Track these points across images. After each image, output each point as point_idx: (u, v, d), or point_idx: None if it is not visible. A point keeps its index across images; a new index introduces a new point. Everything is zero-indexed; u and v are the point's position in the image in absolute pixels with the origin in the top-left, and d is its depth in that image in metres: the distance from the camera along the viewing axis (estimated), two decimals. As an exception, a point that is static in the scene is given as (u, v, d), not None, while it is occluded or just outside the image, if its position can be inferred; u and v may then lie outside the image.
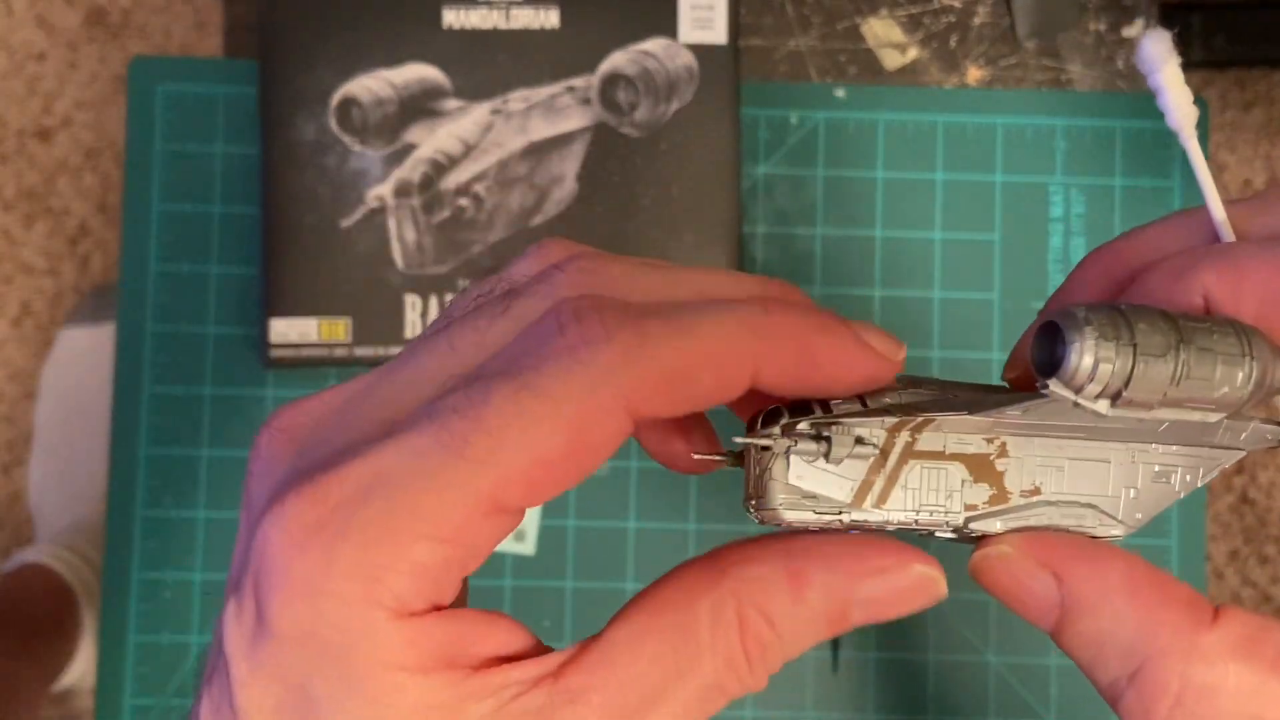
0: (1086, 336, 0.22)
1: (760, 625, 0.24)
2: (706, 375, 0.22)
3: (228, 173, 0.63)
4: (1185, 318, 0.23)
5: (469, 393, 0.22)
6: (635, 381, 0.22)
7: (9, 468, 1.21)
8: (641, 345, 0.22)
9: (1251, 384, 0.23)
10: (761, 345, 0.23)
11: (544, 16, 0.60)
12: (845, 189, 0.64)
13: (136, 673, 0.61)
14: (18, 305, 1.23)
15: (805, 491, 0.24)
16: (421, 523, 0.21)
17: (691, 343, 0.22)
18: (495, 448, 0.21)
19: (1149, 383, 0.22)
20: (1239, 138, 1.27)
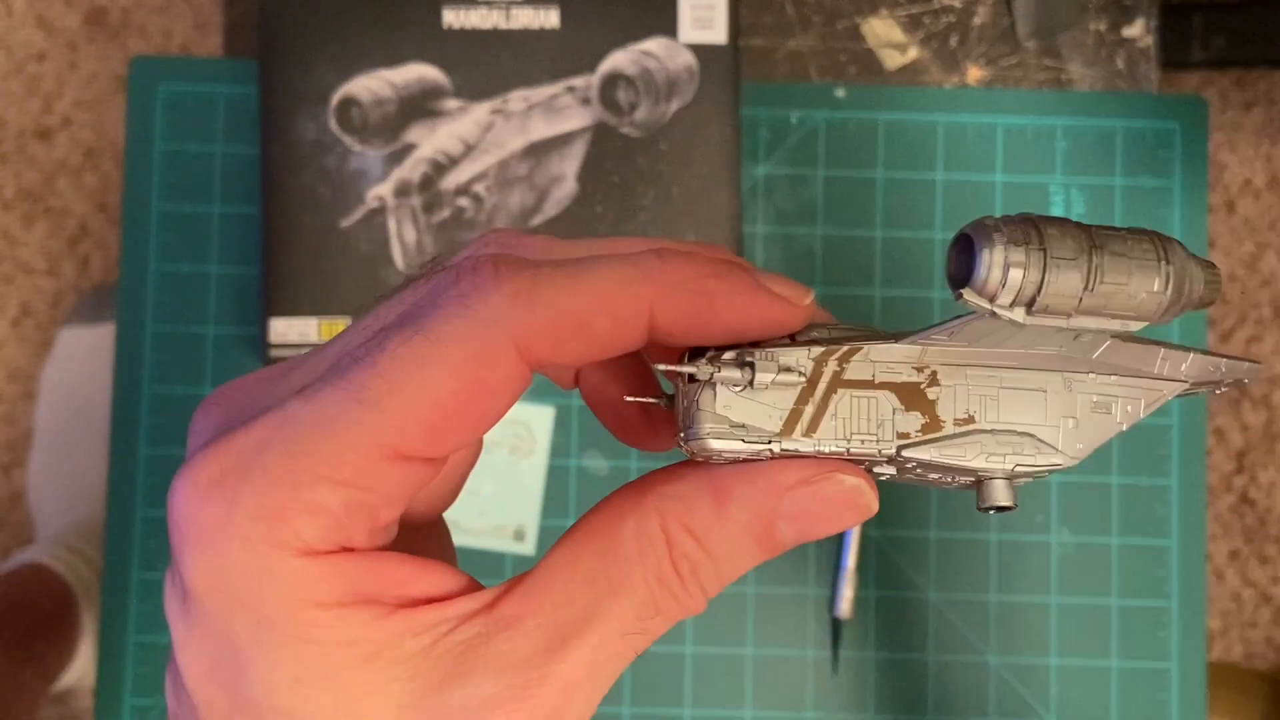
0: (996, 244, 0.22)
1: (686, 540, 0.24)
2: (599, 320, 0.23)
3: (228, 173, 0.63)
4: (1100, 228, 0.23)
5: (368, 343, 0.22)
6: (525, 324, 0.22)
7: (9, 468, 1.21)
8: (532, 289, 0.22)
9: (1170, 290, 0.23)
10: (655, 290, 0.23)
11: (544, 16, 0.60)
12: (845, 189, 0.64)
13: (136, 673, 0.61)
14: (17, 305, 1.23)
15: (733, 421, 0.24)
16: (321, 464, 0.22)
17: (582, 286, 0.22)
18: (389, 391, 0.22)
19: (1062, 287, 0.22)
20: (1239, 138, 1.27)
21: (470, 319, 0.22)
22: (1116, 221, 0.65)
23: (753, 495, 0.24)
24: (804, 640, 0.62)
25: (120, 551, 0.62)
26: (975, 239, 0.22)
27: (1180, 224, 0.65)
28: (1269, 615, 1.24)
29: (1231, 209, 1.27)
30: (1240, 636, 1.23)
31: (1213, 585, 1.24)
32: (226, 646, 0.22)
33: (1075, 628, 0.63)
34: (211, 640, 0.22)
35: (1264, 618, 1.24)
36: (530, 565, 0.24)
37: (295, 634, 0.22)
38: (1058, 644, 0.63)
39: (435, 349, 0.22)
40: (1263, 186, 1.27)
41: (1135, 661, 0.63)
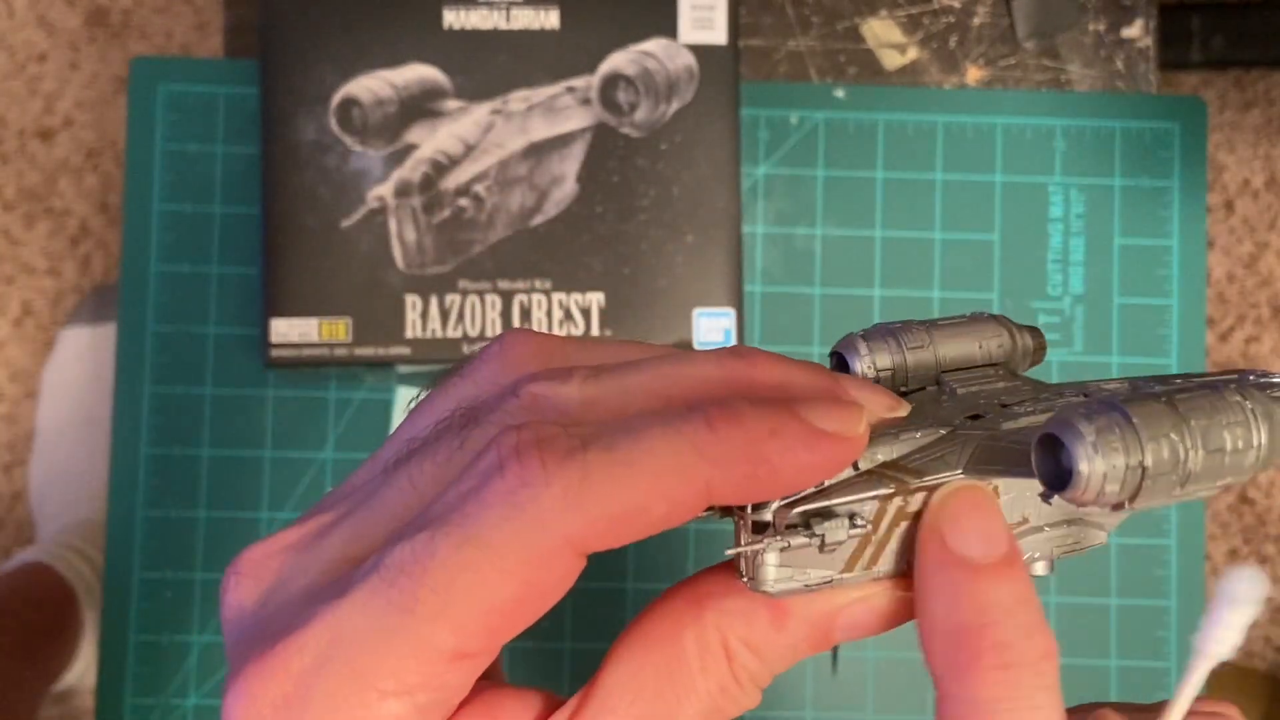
0: (1095, 461, 0.21)
1: (745, 655, 0.24)
2: (654, 507, 0.22)
3: (228, 173, 0.63)
4: (1181, 394, 0.22)
5: (414, 547, 0.22)
6: (579, 523, 0.21)
7: (9, 468, 1.21)
8: (583, 485, 0.21)
9: (1264, 449, 0.23)
10: (710, 468, 0.22)
11: (544, 17, 0.60)
12: (845, 189, 0.64)
13: (137, 672, 0.61)
14: (19, 305, 1.23)
15: (797, 570, 0.24)
16: (385, 680, 0.22)
17: (633, 477, 0.22)
18: (445, 605, 0.21)
19: (1155, 494, 0.22)
20: (1238, 138, 1.28)
21: (522, 523, 0.21)
22: (1116, 221, 0.65)
23: (812, 614, 0.24)
24: (804, 640, 0.62)
25: (121, 551, 0.62)
26: (1070, 449, 0.22)
27: (1179, 224, 0.65)
28: (1268, 614, 1.24)
29: (1230, 209, 1.27)
30: (1240, 636, 1.23)
31: (1212, 585, 1.24)
32: None
33: (1074, 627, 0.63)
34: None
35: (1263, 617, 1.24)
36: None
37: None
38: (1057, 643, 0.63)
39: (488, 558, 0.21)
40: (1261, 186, 1.27)
41: (1135, 661, 0.63)
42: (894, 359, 0.27)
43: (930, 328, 0.28)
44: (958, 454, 0.24)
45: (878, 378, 0.27)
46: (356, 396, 0.63)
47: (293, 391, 0.63)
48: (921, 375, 0.27)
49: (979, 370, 0.28)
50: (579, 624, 0.62)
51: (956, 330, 0.28)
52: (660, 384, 0.24)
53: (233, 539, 0.62)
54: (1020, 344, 0.28)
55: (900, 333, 0.27)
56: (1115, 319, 0.64)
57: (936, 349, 0.27)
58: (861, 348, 0.27)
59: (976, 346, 0.27)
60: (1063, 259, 0.65)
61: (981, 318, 0.28)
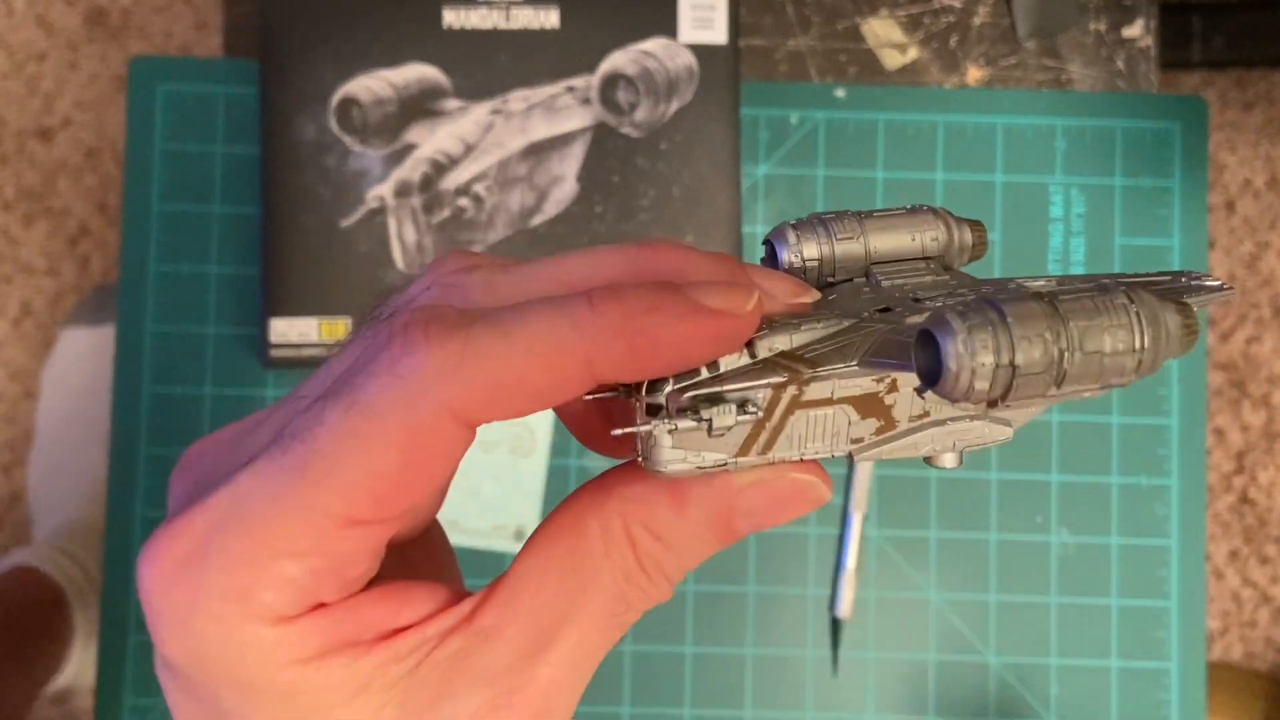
0: (964, 358, 0.21)
1: (648, 539, 0.25)
2: (534, 379, 0.22)
3: (228, 173, 0.63)
4: (1063, 293, 0.22)
5: (307, 416, 0.23)
6: (458, 392, 0.22)
7: (9, 468, 1.21)
8: (462, 355, 0.22)
9: (1145, 353, 0.23)
10: (589, 341, 0.22)
11: (544, 16, 0.60)
12: (845, 189, 0.64)
13: (136, 672, 0.61)
14: (18, 305, 1.23)
15: (689, 451, 0.24)
16: (278, 541, 0.22)
17: (511, 348, 0.22)
18: (331, 468, 0.22)
19: (1028, 391, 0.22)
20: (1239, 138, 1.28)
21: (402, 390, 0.22)
22: (1116, 221, 0.65)
23: (709, 495, 0.25)
24: (804, 640, 0.62)
25: (120, 551, 0.62)
26: (941, 344, 0.22)
27: (1180, 224, 0.65)
28: (1268, 615, 1.24)
29: (1231, 209, 1.27)
30: (1240, 636, 1.23)
31: (1212, 585, 1.24)
32: (213, 708, 0.23)
33: (1075, 628, 0.63)
34: (200, 706, 0.24)
35: (1263, 617, 1.24)
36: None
37: (279, 691, 0.23)
38: (1058, 644, 0.63)
39: (370, 423, 0.22)
40: (1262, 186, 1.27)
41: (1135, 661, 0.63)
42: (821, 249, 0.27)
43: (864, 218, 0.27)
44: (856, 346, 0.24)
45: (804, 267, 0.27)
46: (356, 397, 0.63)
47: (292, 392, 0.63)
48: (851, 266, 0.27)
49: (910, 263, 0.27)
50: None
51: (890, 222, 0.27)
52: (561, 272, 0.25)
53: (232, 539, 0.62)
54: (958, 238, 0.28)
55: (832, 223, 0.27)
56: (1117, 257, 0.64)
57: (868, 240, 0.27)
58: (790, 236, 0.27)
59: (910, 239, 0.27)
60: (1063, 259, 0.64)
61: (920, 210, 0.28)
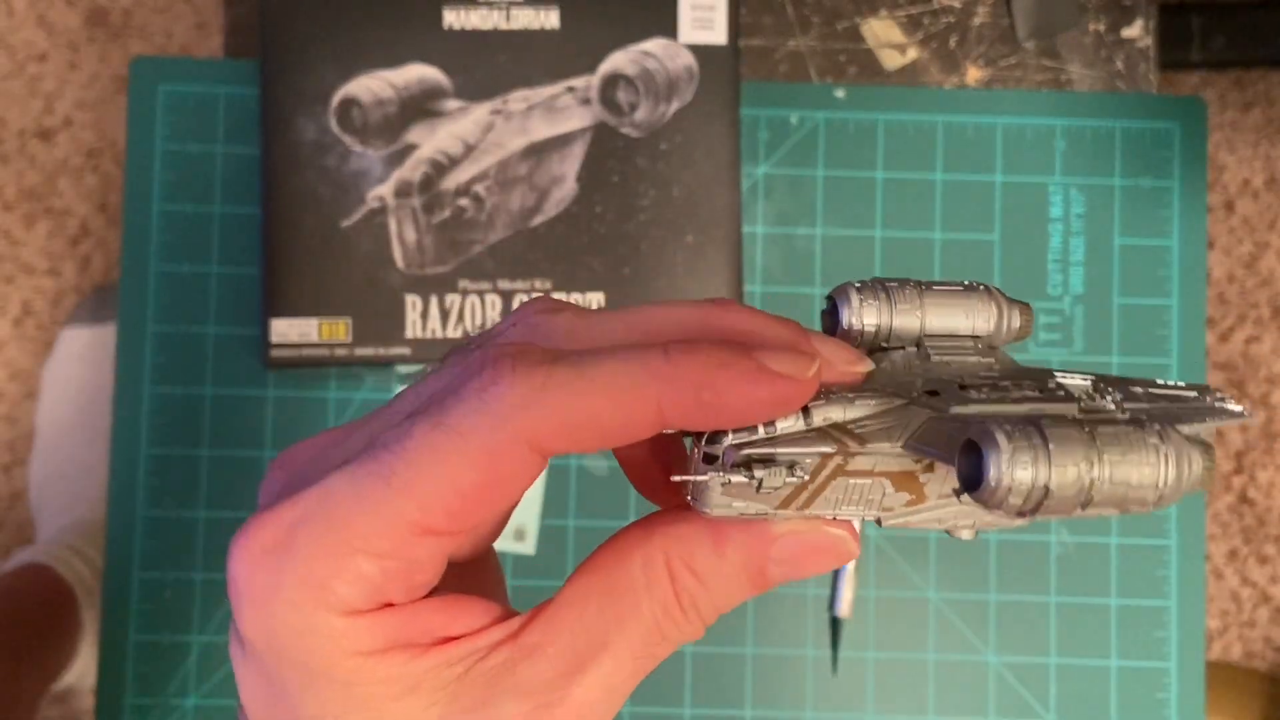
0: (1004, 474, 0.23)
1: (687, 576, 0.27)
2: (606, 418, 0.24)
3: (228, 173, 0.63)
4: (1102, 420, 0.24)
5: (398, 429, 0.25)
6: (536, 422, 0.24)
7: (9, 468, 1.21)
8: (543, 389, 0.24)
9: (1169, 486, 0.24)
10: (661, 389, 0.24)
11: (544, 17, 0.60)
12: (845, 189, 0.64)
13: (136, 672, 0.61)
14: (19, 305, 1.23)
15: (736, 503, 0.26)
16: (357, 539, 0.24)
17: (590, 386, 0.24)
18: (414, 478, 0.24)
19: (1056, 509, 0.24)
20: (1238, 138, 1.28)
21: (486, 415, 0.24)
22: (1116, 221, 0.65)
23: (747, 541, 0.27)
24: (804, 640, 0.62)
25: (121, 551, 0.62)
26: (984, 454, 0.23)
27: (1179, 224, 0.65)
28: (1268, 615, 1.24)
29: (1230, 209, 1.27)
30: (1239, 636, 1.24)
31: (1212, 585, 1.24)
32: (280, 690, 0.26)
33: (1075, 627, 0.63)
34: (267, 683, 0.26)
35: (1263, 617, 1.24)
36: (530, 564, 0.26)
37: (340, 679, 0.25)
38: (1057, 643, 0.63)
39: (454, 441, 0.24)
40: (1261, 186, 1.27)
41: (1134, 661, 0.63)
42: (880, 319, 0.28)
43: (924, 290, 0.29)
44: (902, 429, 0.26)
45: (862, 331, 0.28)
46: (356, 396, 0.63)
47: (293, 391, 0.63)
48: (904, 336, 0.28)
49: (959, 340, 0.29)
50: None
51: (948, 299, 0.29)
52: (639, 320, 0.27)
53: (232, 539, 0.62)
54: (1007, 322, 0.29)
55: (894, 291, 0.28)
56: (1115, 319, 0.64)
57: (925, 315, 0.28)
58: (854, 299, 0.28)
59: (964, 318, 0.29)
60: (1063, 259, 0.65)
61: (976, 289, 0.29)
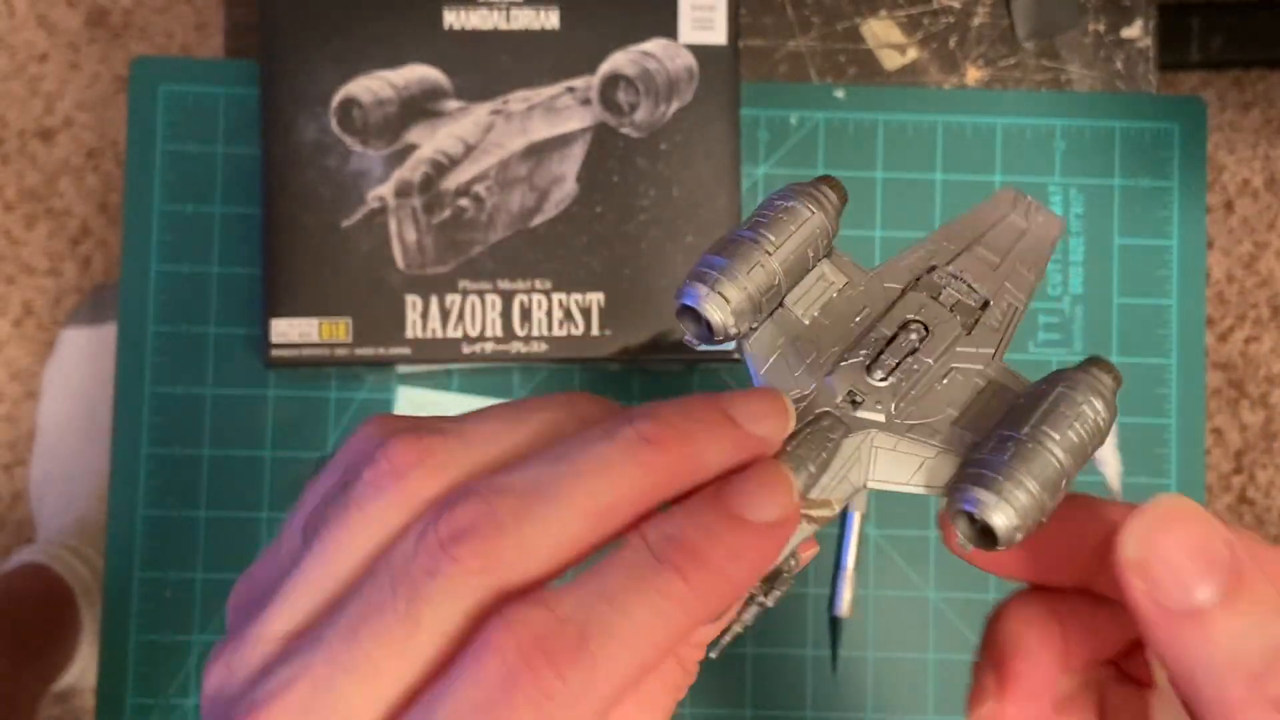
0: (1014, 533, 0.25)
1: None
2: (655, 662, 0.23)
3: (229, 173, 0.63)
4: (1065, 431, 0.26)
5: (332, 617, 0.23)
6: (600, 706, 0.23)
7: (10, 467, 1.21)
8: (594, 677, 0.23)
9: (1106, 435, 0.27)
10: (695, 619, 0.24)
11: (544, 17, 0.60)
12: (845, 189, 0.64)
13: (137, 673, 0.61)
14: (19, 305, 1.23)
15: None
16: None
17: (636, 649, 0.23)
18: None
19: (1057, 496, 0.26)
20: (1237, 138, 1.28)
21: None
22: (1115, 222, 0.65)
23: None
24: (804, 640, 0.62)
25: (121, 551, 0.62)
26: (996, 531, 0.25)
27: (1179, 224, 0.65)
28: (1268, 615, 1.24)
29: (1230, 209, 1.27)
30: (1239, 636, 1.23)
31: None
32: None
33: (1074, 627, 0.63)
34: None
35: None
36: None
37: None
38: (1056, 643, 0.63)
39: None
40: (1261, 187, 1.27)
41: (1134, 660, 0.63)
42: (739, 297, 0.28)
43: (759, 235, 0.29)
44: (850, 461, 0.27)
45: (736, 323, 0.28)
46: (357, 396, 0.63)
47: (293, 391, 0.63)
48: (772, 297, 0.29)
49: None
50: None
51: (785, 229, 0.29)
52: (589, 504, 0.24)
53: (233, 539, 0.62)
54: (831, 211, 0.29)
55: (736, 257, 0.28)
56: (1115, 319, 0.64)
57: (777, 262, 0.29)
58: (703, 296, 0.28)
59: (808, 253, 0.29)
60: (1062, 259, 0.65)
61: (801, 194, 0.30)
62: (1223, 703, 0.22)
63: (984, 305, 0.29)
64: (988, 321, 0.29)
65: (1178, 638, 0.23)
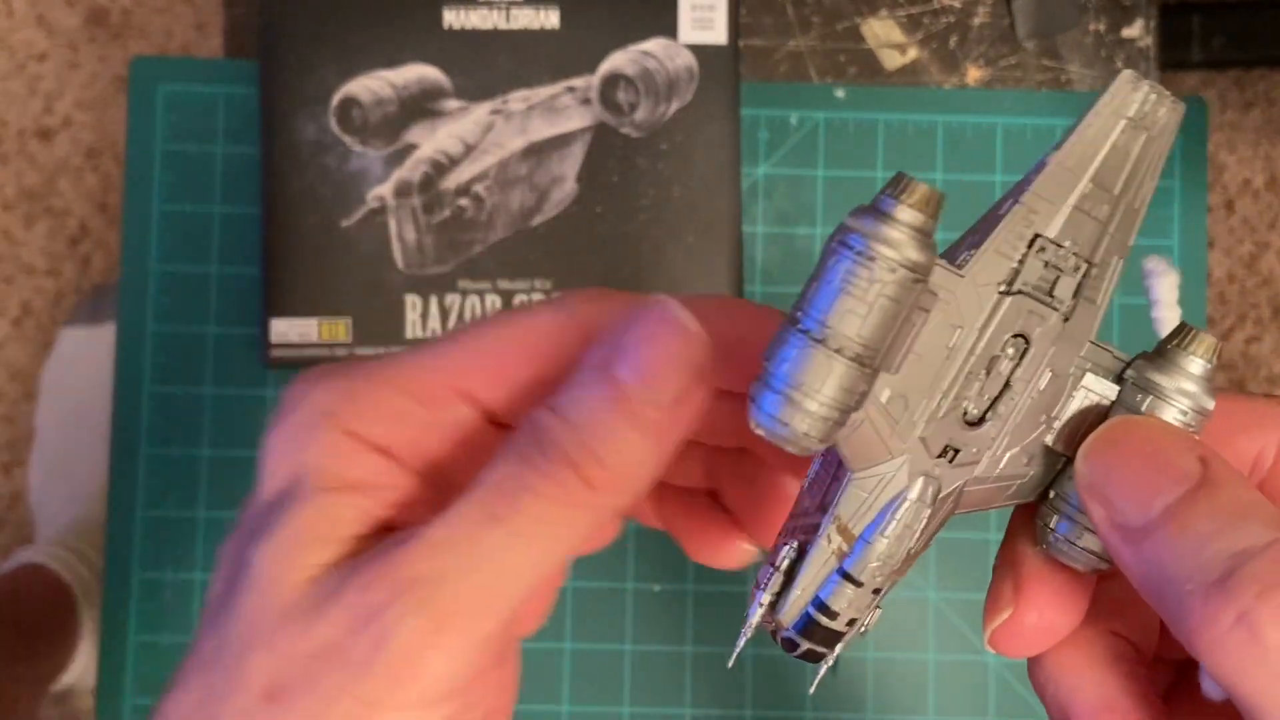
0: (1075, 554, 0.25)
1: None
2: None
3: (228, 173, 0.63)
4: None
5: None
6: None
7: (9, 468, 1.21)
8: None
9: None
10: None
11: (544, 16, 0.60)
12: (845, 189, 0.64)
13: (137, 673, 0.61)
14: (18, 305, 1.23)
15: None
16: None
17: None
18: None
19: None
20: (1238, 138, 1.28)
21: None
22: (1116, 222, 0.65)
23: None
24: (804, 640, 0.62)
25: (120, 551, 0.62)
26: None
27: (1179, 224, 0.65)
28: (1268, 615, 1.24)
29: (1231, 209, 1.27)
30: (1240, 636, 1.23)
31: (1212, 585, 1.23)
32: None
33: (1075, 627, 0.63)
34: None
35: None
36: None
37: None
38: (1057, 644, 0.63)
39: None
40: (1262, 186, 1.27)
41: (1135, 661, 0.63)
42: None
43: None
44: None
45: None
46: (356, 396, 0.63)
47: (292, 391, 0.63)
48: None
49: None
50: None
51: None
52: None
53: (232, 539, 0.62)
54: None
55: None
56: (1116, 319, 0.64)
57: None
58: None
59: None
60: (1063, 259, 0.65)
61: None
62: (1183, 618, 0.20)
63: (1086, 271, 0.25)
64: (1088, 294, 0.25)
65: (1140, 556, 0.21)
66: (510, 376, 0.24)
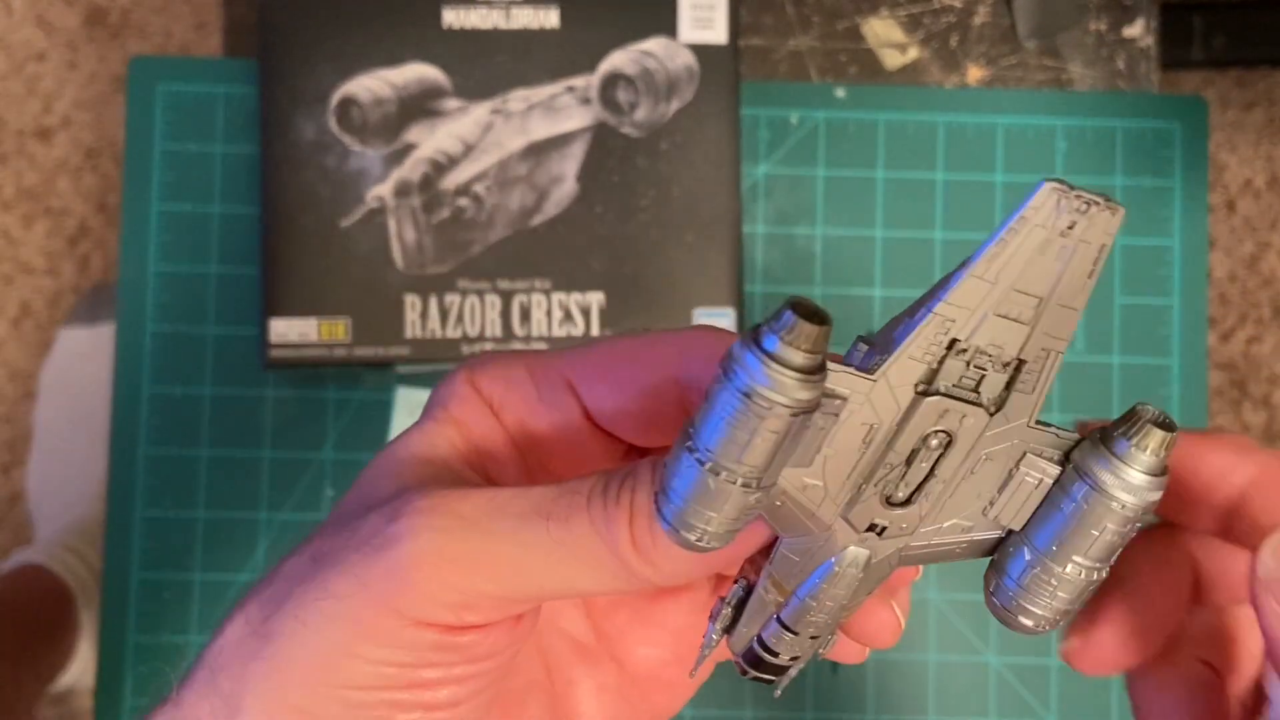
0: (1039, 618, 0.27)
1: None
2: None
3: (227, 173, 0.63)
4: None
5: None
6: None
7: (9, 468, 1.21)
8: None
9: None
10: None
11: (544, 16, 0.60)
12: (845, 189, 0.64)
13: (136, 673, 0.61)
14: (17, 305, 1.23)
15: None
16: None
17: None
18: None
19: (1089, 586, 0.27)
20: (1239, 138, 1.28)
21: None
22: (1117, 221, 0.65)
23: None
24: (804, 640, 0.62)
25: (120, 551, 0.62)
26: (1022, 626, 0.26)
27: (1180, 224, 0.65)
28: (1269, 615, 1.23)
29: (1232, 209, 1.27)
30: (1240, 636, 1.23)
31: (1213, 585, 1.23)
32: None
33: (1075, 628, 0.63)
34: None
35: (1264, 618, 1.23)
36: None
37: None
38: (1058, 644, 0.63)
39: None
40: (1263, 186, 1.27)
41: (1135, 662, 0.63)
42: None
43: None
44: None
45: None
46: (356, 397, 0.63)
47: (292, 391, 0.62)
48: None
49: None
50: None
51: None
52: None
53: (231, 539, 0.62)
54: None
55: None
56: (1116, 319, 0.64)
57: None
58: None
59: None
60: (1064, 259, 0.64)
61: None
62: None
63: (1017, 367, 0.23)
64: (1020, 387, 0.23)
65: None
66: (613, 383, 0.27)
